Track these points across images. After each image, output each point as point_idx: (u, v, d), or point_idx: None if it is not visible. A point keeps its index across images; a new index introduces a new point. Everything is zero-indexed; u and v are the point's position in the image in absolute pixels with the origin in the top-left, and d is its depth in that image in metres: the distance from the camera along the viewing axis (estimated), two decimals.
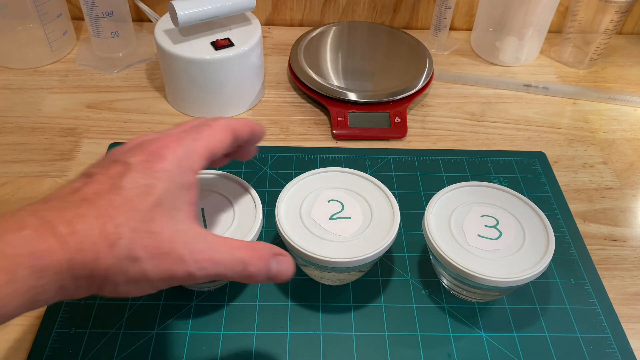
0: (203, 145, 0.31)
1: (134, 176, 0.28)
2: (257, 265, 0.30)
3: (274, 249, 0.31)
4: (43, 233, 0.25)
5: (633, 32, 0.75)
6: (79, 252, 0.25)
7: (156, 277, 0.27)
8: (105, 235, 0.26)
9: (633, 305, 0.43)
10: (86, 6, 0.58)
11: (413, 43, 0.64)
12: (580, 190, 0.52)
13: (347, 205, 0.41)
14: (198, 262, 0.28)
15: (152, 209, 0.27)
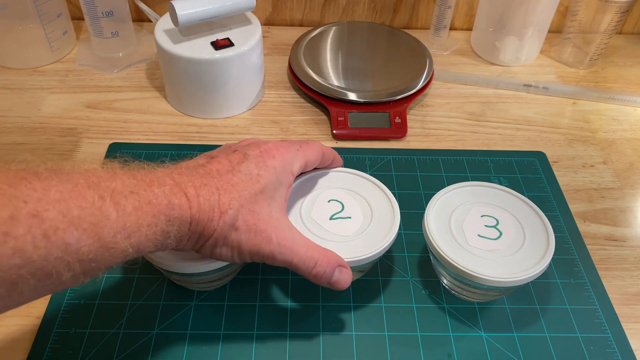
0: (302, 156, 0.38)
1: (249, 165, 0.34)
2: (325, 268, 0.36)
3: (340, 260, 0.37)
4: (177, 191, 0.30)
5: (633, 32, 0.75)
6: (199, 212, 0.31)
7: (247, 248, 0.33)
8: (220, 203, 0.32)
9: (633, 305, 0.43)
10: (86, 6, 0.58)
11: (413, 43, 0.64)
12: (580, 190, 0.52)
13: (347, 205, 0.41)
14: (281, 246, 0.34)
15: (257, 194, 0.34)
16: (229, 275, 0.42)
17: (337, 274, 0.36)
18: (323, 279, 0.36)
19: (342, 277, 0.36)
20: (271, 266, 0.44)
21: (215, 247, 0.33)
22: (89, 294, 0.42)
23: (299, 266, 0.35)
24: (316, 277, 0.36)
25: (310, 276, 0.36)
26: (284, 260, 0.35)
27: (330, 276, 0.36)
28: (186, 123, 0.57)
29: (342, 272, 0.37)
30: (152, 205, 0.29)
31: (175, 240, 0.31)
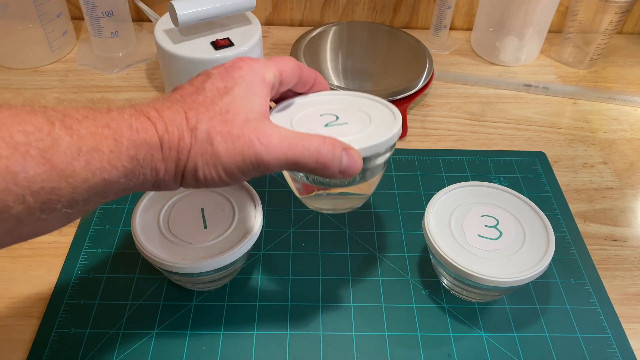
0: (274, 65, 0.34)
1: (214, 81, 0.32)
2: (332, 151, 0.32)
3: (342, 143, 0.33)
4: (137, 114, 0.29)
5: (633, 32, 0.75)
6: (167, 133, 0.29)
7: (229, 160, 0.30)
8: (187, 120, 0.30)
9: (633, 305, 0.43)
10: (86, 6, 0.58)
11: (413, 43, 0.64)
12: (580, 190, 0.52)
13: (342, 115, 0.38)
14: (267, 145, 0.30)
15: (228, 104, 0.31)
16: (229, 275, 0.42)
17: (346, 159, 0.32)
18: (333, 167, 0.32)
19: (352, 161, 0.33)
20: (271, 266, 0.44)
21: (197, 171, 0.30)
22: (89, 294, 0.42)
23: (299, 160, 0.31)
24: (325, 166, 0.32)
25: (319, 166, 0.32)
26: (277, 159, 0.31)
27: (339, 161, 0.32)
28: None
29: (351, 156, 0.33)
30: (110, 129, 0.27)
31: (150, 169, 0.29)
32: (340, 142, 0.33)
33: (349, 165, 0.32)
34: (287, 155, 0.31)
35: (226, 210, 0.40)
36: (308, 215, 0.48)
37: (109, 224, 0.47)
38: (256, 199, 0.41)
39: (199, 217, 0.40)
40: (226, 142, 0.30)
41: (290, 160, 0.31)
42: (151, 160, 0.29)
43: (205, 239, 0.38)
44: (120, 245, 0.45)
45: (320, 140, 0.32)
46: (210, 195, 0.41)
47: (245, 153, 0.30)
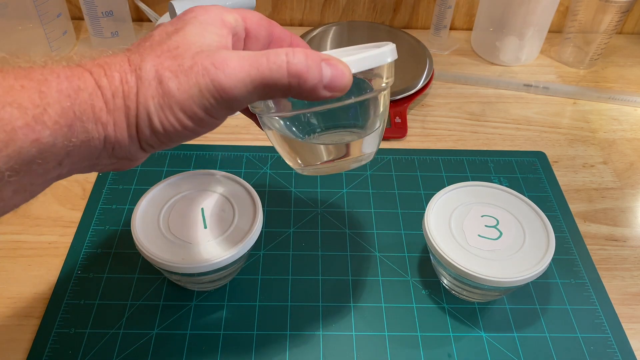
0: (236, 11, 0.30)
1: (163, 27, 0.28)
2: (302, 60, 0.26)
3: (321, 54, 0.27)
4: (70, 65, 0.25)
5: (633, 32, 0.75)
6: (105, 77, 0.25)
7: (183, 95, 0.25)
8: (130, 62, 0.26)
9: (633, 305, 0.43)
10: (86, 6, 0.58)
11: (413, 43, 0.64)
12: (580, 190, 0.52)
13: None
14: (223, 69, 0.25)
15: (177, 41, 0.27)
16: (229, 275, 0.42)
17: (327, 69, 0.26)
18: (312, 78, 0.26)
19: (336, 70, 0.26)
20: (271, 266, 0.44)
21: (152, 118, 0.26)
22: (89, 294, 0.42)
23: (267, 76, 0.25)
24: (301, 77, 0.26)
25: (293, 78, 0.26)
26: (241, 82, 0.25)
27: (319, 72, 0.26)
28: None
29: (334, 64, 0.26)
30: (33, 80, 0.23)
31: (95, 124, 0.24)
32: (315, 52, 0.27)
33: (333, 75, 0.26)
34: (250, 75, 0.25)
35: (226, 210, 0.40)
36: (308, 215, 0.48)
37: (109, 224, 0.47)
38: (256, 199, 0.41)
39: (199, 217, 0.40)
40: (177, 76, 0.25)
41: (256, 81, 0.25)
42: (92, 112, 0.24)
43: (205, 239, 0.38)
44: (120, 245, 0.45)
45: (287, 49, 0.26)
46: (210, 195, 0.41)
47: (200, 83, 0.25)
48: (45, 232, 0.46)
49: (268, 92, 0.26)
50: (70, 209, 0.48)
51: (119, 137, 0.26)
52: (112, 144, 0.26)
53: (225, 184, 0.42)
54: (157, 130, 0.26)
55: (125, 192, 0.49)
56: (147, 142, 0.27)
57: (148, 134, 0.26)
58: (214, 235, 0.39)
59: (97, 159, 0.26)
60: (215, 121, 0.27)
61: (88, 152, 0.25)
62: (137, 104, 0.25)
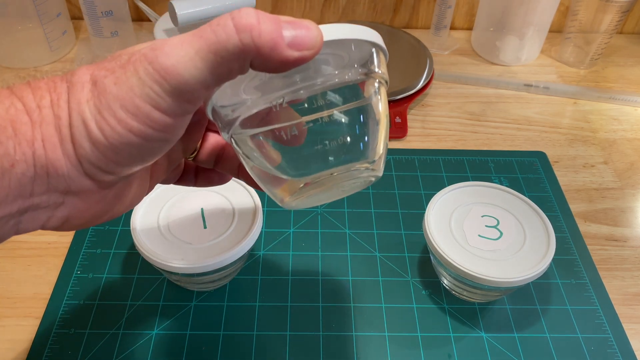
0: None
1: None
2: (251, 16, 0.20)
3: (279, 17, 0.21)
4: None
5: (634, 32, 0.75)
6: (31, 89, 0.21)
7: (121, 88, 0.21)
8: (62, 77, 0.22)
9: (634, 305, 0.43)
10: (85, 6, 0.58)
11: (413, 43, 0.64)
12: (580, 190, 0.52)
13: None
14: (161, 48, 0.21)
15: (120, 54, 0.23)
16: (229, 275, 0.42)
17: (287, 26, 0.21)
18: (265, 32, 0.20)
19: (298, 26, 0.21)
20: (271, 266, 0.44)
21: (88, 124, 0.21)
22: (89, 294, 0.42)
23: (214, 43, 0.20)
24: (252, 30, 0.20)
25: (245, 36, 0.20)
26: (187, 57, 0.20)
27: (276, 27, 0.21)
28: None
29: (298, 23, 0.21)
30: None
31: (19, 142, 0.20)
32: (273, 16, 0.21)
33: (297, 31, 0.21)
34: (194, 46, 0.20)
35: (226, 210, 0.40)
36: (308, 215, 0.48)
37: (109, 224, 0.47)
38: (256, 199, 0.41)
39: (198, 217, 0.40)
40: (114, 72, 0.21)
41: (202, 51, 0.20)
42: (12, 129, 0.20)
43: (205, 239, 0.38)
44: (120, 245, 0.45)
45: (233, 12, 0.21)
46: (210, 195, 0.41)
47: (139, 69, 0.21)
48: (45, 233, 0.46)
49: (221, 63, 0.21)
50: None
51: (51, 157, 0.21)
52: (44, 168, 0.21)
53: (225, 184, 0.42)
54: (97, 139, 0.21)
55: None
56: (89, 161, 0.21)
57: (88, 148, 0.21)
58: (214, 235, 0.38)
59: (31, 196, 0.21)
60: (168, 120, 0.21)
61: (15, 184, 0.21)
62: (70, 111, 0.21)
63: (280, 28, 0.21)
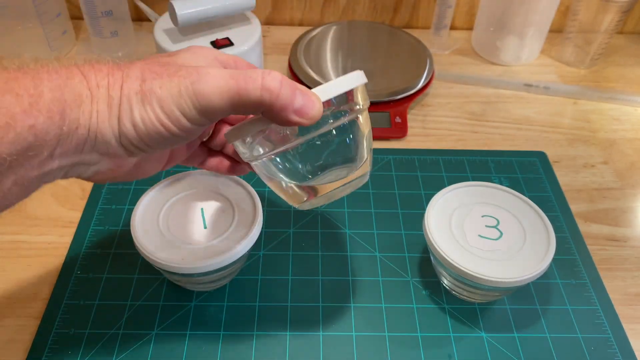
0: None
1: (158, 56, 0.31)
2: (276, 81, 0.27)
3: (298, 84, 0.29)
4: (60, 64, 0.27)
5: (634, 32, 0.75)
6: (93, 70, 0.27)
7: (164, 92, 0.27)
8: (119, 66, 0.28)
9: (634, 305, 0.43)
10: (85, 5, 0.58)
11: (413, 42, 0.64)
12: (581, 190, 0.52)
13: None
14: (204, 75, 0.27)
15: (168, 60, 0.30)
16: (229, 275, 0.42)
17: (300, 96, 0.28)
18: (283, 99, 0.27)
19: (307, 98, 0.28)
20: (271, 266, 0.44)
21: (132, 112, 0.27)
22: (89, 294, 0.42)
23: (241, 88, 0.27)
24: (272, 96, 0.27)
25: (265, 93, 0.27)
26: (219, 90, 0.27)
27: (291, 95, 0.28)
28: None
29: (305, 92, 0.28)
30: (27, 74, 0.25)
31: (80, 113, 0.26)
32: (293, 82, 0.29)
33: (305, 102, 0.28)
34: (228, 84, 0.27)
35: (226, 210, 0.40)
36: (308, 215, 0.48)
37: (109, 224, 0.47)
38: (256, 199, 0.41)
39: (199, 217, 0.40)
40: (161, 77, 0.27)
41: (232, 91, 0.27)
42: (80, 100, 0.26)
43: (205, 239, 0.38)
44: (120, 245, 0.45)
45: (265, 70, 0.28)
46: (210, 195, 0.41)
47: (181, 85, 0.27)
48: (44, 233, 0.46)
49: (241, 103, 0.27)
50: (70, 209, 0.48)
51: (100, 127, 0.27)
52: (94, 133, 0.27)
53: (225, 184, 0.42)
54: (137, 124, 0.27)
55: (125, 192, 0.49)
56: (127, 137, 0.28)
57: (129, 127, 0.27)
58: (214, 235, 0.38)
59: (81, 153, 0.27)
60: (191, 126, 0.28)
61: (76, 143, 0.26)
62: (121, 96, 0.27)
63: (294, 97, 0.28)
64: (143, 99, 0.27)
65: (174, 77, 0.27)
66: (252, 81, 0.27)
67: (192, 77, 0.27)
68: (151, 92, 0.27)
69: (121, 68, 0.28)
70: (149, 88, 0.27)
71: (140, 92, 0.27)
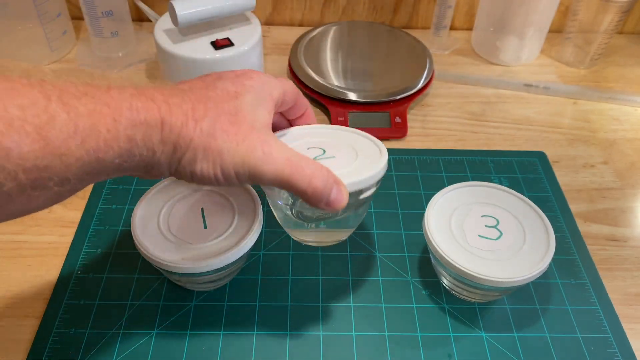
0: (281, 84, 0.35)
1: (225, 83, 0.32)
2: (324, 181, 0.32)
3: (336, 177, 0.33)
4: (140, 95, 0.28)
5: (634, 32, 0.75)
6: (170, 115, 0.28)
7: (229, 159, 0.30)
8: (194, 111, 0.29)
9: (634, 305, 0.43)
10: (85, 6, 0.58)
11: (413, 43, 0.64)
12: (581, 190, 0.52)
13: (329, 149, 0.39)
14: (267, 155, 0.30)
15: (236, 107, 0.31)
16: (229, 275, 0.42)
17: (335, 192, 0.32)
18: (322, 196, 0.32)
19: (339, 195, 0.33)
20: (271, 266, 0.44)
21: (195, 162, 0.29)
22: (89, 294, 0.42)
23: (293, 177, 0.31)
24: (315, 193, 0.32)
25: (310, 189, 0.32)
26: (275, 172, 0.31)
27: (329, 193, 0.32)
28: None
29: (340, 191, 0.33)
30: (110, 108, 0.26)
31: (146, 149, 0.28)
32: (333, 174, 0.33)
33: (336, 199, 0.33)
34: (283, 171, 0.31)
35: (226, 210, 0.40)
36: None
37: (109, 224, 0.47)
38: (256, 199, 0.41)
39: (199, 217, 0.40)
40: (231, 141, 0.30)
41: (284, 177, 0.31)
42: (147, 140, 0.28)
43: (205, 239, 0.38)
44: (120, 245, 0.45)
45: (317, 166, 0.32)
46: (210, 195, 0.41)
47: (246, 158, 0.30)
48: (45, 233, 0.46)
49: (286, 187, 0.32)
50: (70, 209, 0.48)
51: (161, 163, 0.29)
52: (152, 165, 0.29)
53: None
54: (195, 173, 0.30)
55: (125, 192, 0.49)
56: (180, 175, 0.31)
57: (185, 172, 0.30)
58: (214, 235, 0.39)
59: (132, 171, 0.29)
60: (237, 184, 0.32)
61: (132, 169, 0.29)
62: (188, 148, 0.29)
63: (330, 192, 0.32)
64: (208, 155, 0.30)
65: (241, 146, 0.30)
66: (302, 175, 0.31)
67: (256, 153, 0.30)
68: (218, 154, 0.30)
69: (196, 118, 0.29)
70: (217, 149, 0.29)
71: (208, 149, 0.29)
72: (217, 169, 0.30)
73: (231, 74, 0.34)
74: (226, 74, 0.33)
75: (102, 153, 0.26)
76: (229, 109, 0.31)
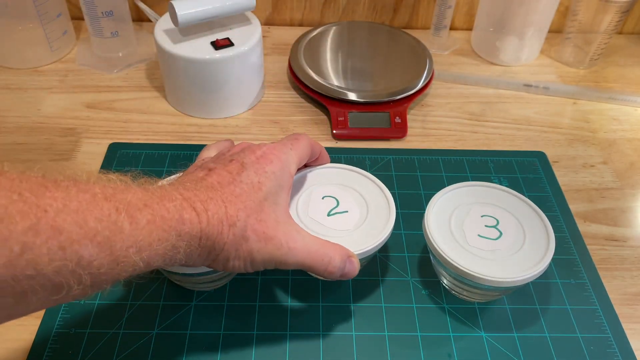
0: (297, 155, 0.38)
1: (249, 174, 0.35)
2: (339, 263, 0.36)
3: (348, 251, 0.37)
4: (186, 206, 0.31)
5: (634, 32, 0.75)
6: (209, 226, 0.31)
7: (259, 257, 0.34)
8: (227, 216, 0.32)
9: (633, 305, 0.43)
10: (86, 6, 0.58)
11: (413, 43, 0.64)
12: (580, 190, 0.52)
13: (342, 200, 0.41)
14: (292, 250, 0.35)
15: (261, 201, 0.34)
16: (229, 276, 0.42)
17: (348, 266, 0.37)
18: (336, 274, 0.36)
19: (352, 267, 0.37)
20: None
21: (228, 261, 0.33)
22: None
23: (313, 266, 0.35)
24: (331, 275, 0.36)
25: (326, 273, 0.36)
26: (297, 263, 0.35)
27: (342, 269, 0.36)
28: (186, 123, 0.57)
29: (352, 263, 0.37)
30: (164, 220, 0.29)
31: (185, 255, 0.31)
32: (346, 250, 0.37)
33: (349, 271, 0.37)
34: (304, 261, 0.35)
35: None
36: None
37: None
38: None
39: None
40: (260, 241, 0.33)
41: (306, 266, 0.35)
42: (188, 247, 0.31)
43: None
44: None
45: (333, 252, 0.36)
46: None
47: (273, 254, 0.34)
48: None
49: (306, 270, 0.37)
50: None
51: (196, 262, 0.33)
52: (188, 264, 0.33)
53: None
54: (227, 268, 0.34)
55: None
56: (212, 266, 0.34)
57: (219, 265, 0.34)
58: None
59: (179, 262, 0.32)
60: (261, 269, 0.35)
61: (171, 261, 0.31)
62: (222, 250, 0.33)
63: (344, 265, 0.36)
64: (240, 255, 0.33)
65: (269, 244, 0.34)
66: (320, 264, 0.35)
67: (282, 250, 0.34)
68: (249, 254, 0.33)
69: (229, 222, 0.32)
70: (248, 250, 0.33)
71: (240, 249, 0.33)
72: (248, 265, 0.34)
73: (252, 156, 0.36)
74: (247, 159, 0.35)
75: (152, 260, 0.29)
76: (255, 206, 0.34)
